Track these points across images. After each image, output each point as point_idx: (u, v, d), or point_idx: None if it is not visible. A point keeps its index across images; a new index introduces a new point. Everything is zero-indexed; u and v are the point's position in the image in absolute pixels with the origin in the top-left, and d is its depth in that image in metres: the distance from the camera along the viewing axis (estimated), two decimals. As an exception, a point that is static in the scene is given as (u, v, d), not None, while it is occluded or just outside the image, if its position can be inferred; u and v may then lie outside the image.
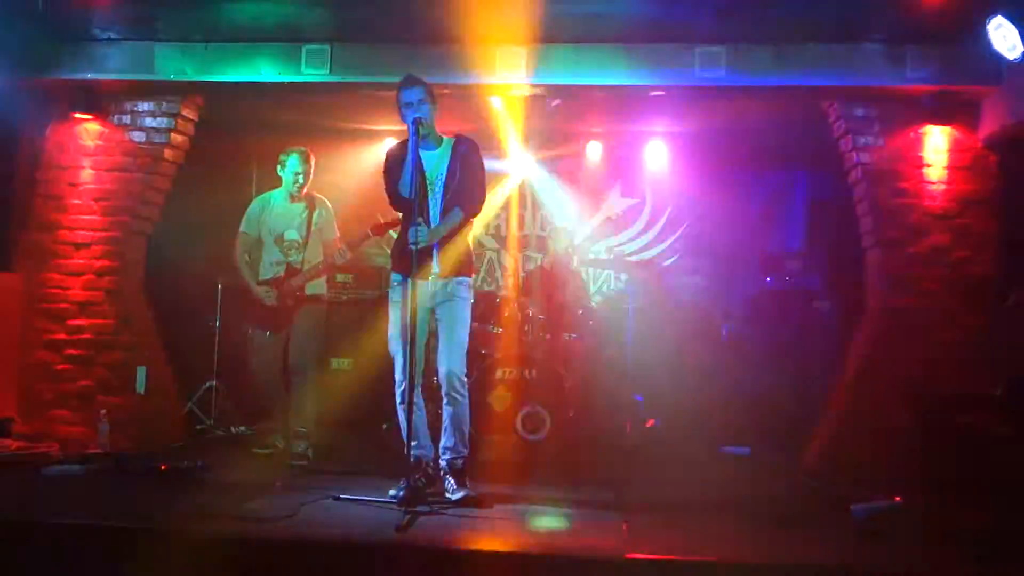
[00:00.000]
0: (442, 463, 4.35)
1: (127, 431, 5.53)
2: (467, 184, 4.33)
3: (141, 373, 5.73)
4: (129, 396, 5.67)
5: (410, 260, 4.11)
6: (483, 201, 4.42)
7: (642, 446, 5.87)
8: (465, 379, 4.34)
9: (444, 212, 4.32)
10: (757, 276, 7.14)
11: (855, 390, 5.44)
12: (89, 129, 5.81)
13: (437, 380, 4.49)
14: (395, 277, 4.42)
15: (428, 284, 4.32)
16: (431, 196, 4.33)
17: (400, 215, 4.49)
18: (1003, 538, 3.66)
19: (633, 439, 5.88)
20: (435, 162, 4.37)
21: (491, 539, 3.68)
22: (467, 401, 4.36)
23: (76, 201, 5.79)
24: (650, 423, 6.26)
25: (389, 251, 5.03)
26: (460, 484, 4.28)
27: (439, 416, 4.47)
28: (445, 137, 4.45)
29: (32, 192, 5.81)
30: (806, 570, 3.44)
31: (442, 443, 4.35)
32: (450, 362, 4.28)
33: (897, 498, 4.37)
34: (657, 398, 6.30)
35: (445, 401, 4.32)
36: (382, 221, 5.16)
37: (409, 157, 4.18)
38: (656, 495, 4.69)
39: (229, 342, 6.40)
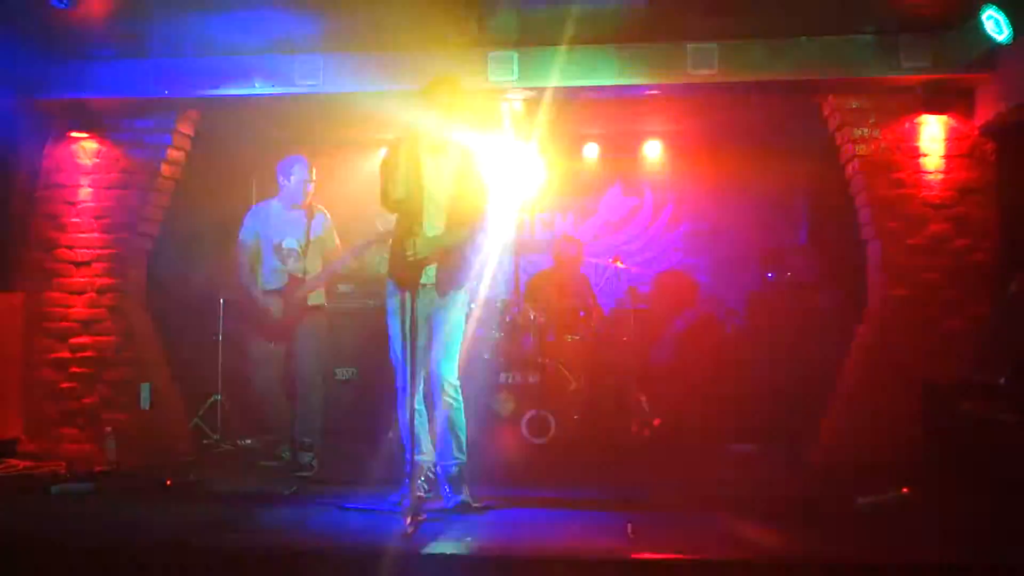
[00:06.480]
0: (438, 470, 4.32)
1: (133, 447, 5.53)
2: (470, 197, 4.27)
3: (146, 389, 5.75)
4: (134, 412, 5.69)
5: (406, 270, 4.09)
6: (486, 214, 4.35)
7: (647, 446, 5.86)
8: (458, 384, 4.27)
9: (447, 224, 4.25)
10: (758, 271, 7.13)
11: (859, 382, 5.42)
12: (86, 147, 5.84)
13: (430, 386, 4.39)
14: (391, 285, 4.34)
15: (424, 292, 4.23)
16: (428, 203, 4.24)
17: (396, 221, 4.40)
18: (1010, 526, 3.64)
19: (638, 439, 5.87)
20: (432, 169, 4.28)
21: (494, 543, 3.67)
22: (461, 406, 4.29)
23: (75, 219, 5.81)
24: (656, 422, 6.24)
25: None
26: (456, 490, 4.23)
27: None
28: (443, 143, 4.35)
29: (31, 211, 5.84)
30: (814, 565, 3.42)
31: (438, 449, 4.32)
32: (443, 367, 4.22)
33: (904, 489, 4.36)
34: (662, 397, 6.29)
35: (439, 406, 4.25)
36: (382, 229, 5.15)
37: (404, 165, 4.15)
38: (661, 495, 4.67)
39: (233, 355, 6.40)
